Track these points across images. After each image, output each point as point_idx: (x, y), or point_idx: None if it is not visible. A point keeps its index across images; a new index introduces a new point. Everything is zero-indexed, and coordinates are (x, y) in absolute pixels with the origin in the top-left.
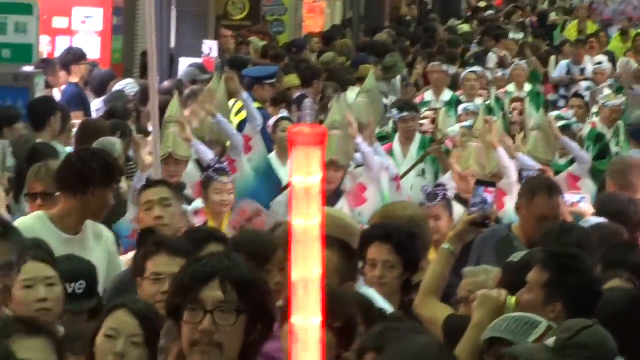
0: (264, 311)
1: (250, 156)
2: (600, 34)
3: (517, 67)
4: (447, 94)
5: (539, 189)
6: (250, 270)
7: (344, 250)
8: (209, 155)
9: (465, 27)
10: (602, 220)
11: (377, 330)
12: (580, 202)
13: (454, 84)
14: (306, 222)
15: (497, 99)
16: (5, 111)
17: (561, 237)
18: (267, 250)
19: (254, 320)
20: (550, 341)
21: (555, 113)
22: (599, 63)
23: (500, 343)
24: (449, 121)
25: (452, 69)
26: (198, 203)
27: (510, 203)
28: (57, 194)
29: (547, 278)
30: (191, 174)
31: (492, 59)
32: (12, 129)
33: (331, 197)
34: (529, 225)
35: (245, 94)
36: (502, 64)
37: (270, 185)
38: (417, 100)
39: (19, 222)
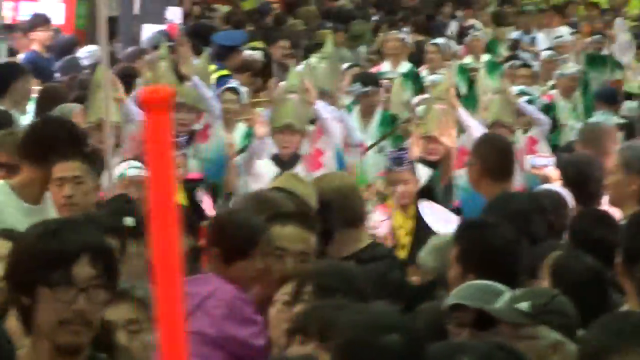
0: (115, 284)
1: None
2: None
3: (473, 39)
4: (404, 66)
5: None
6: (108, 242)
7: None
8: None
9: None
10: (553, 186)
11: (303, 312)
12: (546, 165)
13: (419, 55)
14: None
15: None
16: None
17: (508, 205)
18: (252, 233)
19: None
20: (524, 305)
21: (518, 88)
22: (560, 36)
23: (462, 309)
24: (404, 94)
25: (411, 38)
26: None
27: None
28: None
29: (457, 252)
30: None
31: (452, 27)
32: None
33: (288, 160)
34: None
35: (195, 79)
36: (462, 33)
37: (218, 168)
38: (373, 70)
39: None
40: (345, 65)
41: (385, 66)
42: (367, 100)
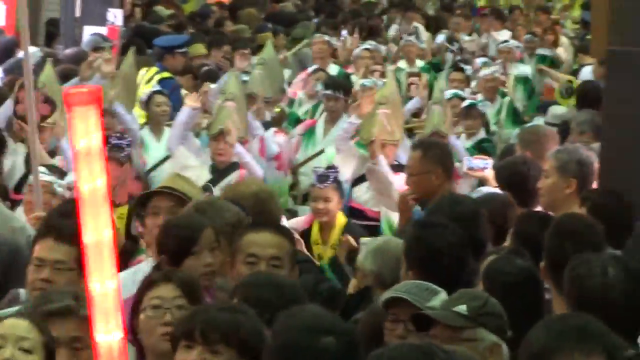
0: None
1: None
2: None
3: (407, 43)
4: (333, 68)
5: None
6: None
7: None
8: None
9: None
10: (491, 189)
11: (186, 316)
12: (485, 168)
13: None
14: (92, 184)
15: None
16: None
17: (452, 208)
18: (192, 230)
19: None
20: (461, 308)
21: (452, 92)
22: (505, 41)
23: (399, 306)
24: None
25: (349, 40)
26: (70, 177)
27: None
28: None
29: (404, 248)
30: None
31: (392, 30)
32: None
33: (224, 169)
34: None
35: (119, 107)
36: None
37: None
38: (300, 76)
39: None
40: (311, 69)
41: (311, 70)
42: (327, 104)
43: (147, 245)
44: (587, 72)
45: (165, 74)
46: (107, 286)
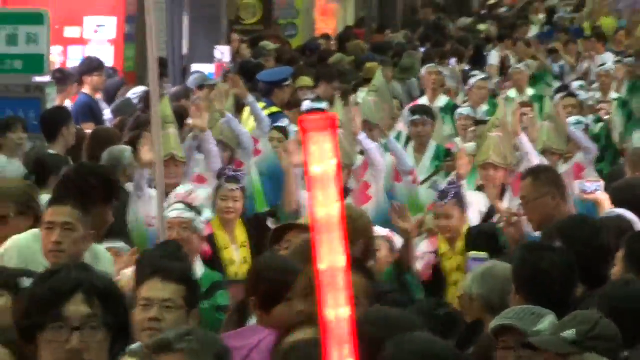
0: (125, 325)
1: (258, 159)
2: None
3: (515, 71)
4: (442, 99)
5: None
6: (110, 280)
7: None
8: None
9: (482, 26)
10: (624, 211)
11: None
12: (596, 190)
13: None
14: (327, 209)
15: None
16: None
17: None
18: (285, 275)
19: (117, 336)
20: (570, 333)
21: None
22: (603, 64)
23: (508, 333)
24: (445, 128)
25: (458, 69)
26: (208, 214)
27: None
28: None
29: (512, 271)
30: None
31: (493, 57)
32: (5, 138)
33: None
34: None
35: (250, 98)
36: (503, 64)
37: (277, 187)
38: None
39: (14, 240)
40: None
41: (422, 100)
42: (415, 130)
43: None
44: None
45: (274, 109)
46: (341, 313)
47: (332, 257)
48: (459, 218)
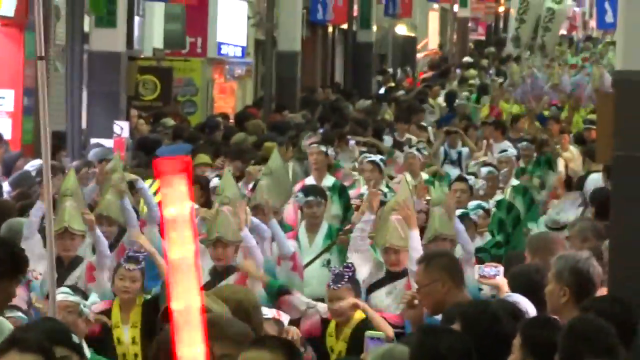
0: None
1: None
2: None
3: (409, 155)
4: (329, 179)
5: None
6: None
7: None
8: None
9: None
10: (519, 296)
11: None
12: (496, 275)
13: None
14: (182, 251)
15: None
16: None
17: (465, 317)
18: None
19: None
20: None
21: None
22: (504, 150)
23: None
24: (332, 207)
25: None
26: (94, 297)
27: None
28: None
29: (409, 354)
30: None
31: (387, 142)
32: None
33: (221, 273)
34: None
35: (140, 183)
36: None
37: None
38: (297, 187)
39: None
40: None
41: (309, 180)
42: (310, 211)
43: None
44: (593, 179)
45: None
46: (197, 351)
47: (187, 297)
48: (351, 303)
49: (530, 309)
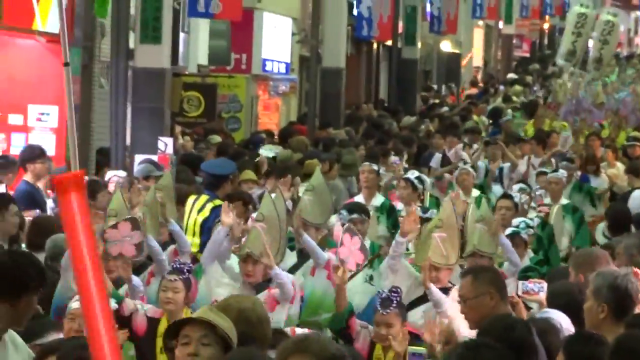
0: None
1: None
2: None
3: (462, 172)
4: (378, 199)
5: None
6: None
7: None
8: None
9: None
10: (558, 312)
11: None
12: (540, 291)
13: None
14: None
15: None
16: None
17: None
18: None
19: None
20: None
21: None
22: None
23: None
24: (378, 228)
25: (401, 167)
26: (111, 303)
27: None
28: None
29: None
30: None
31: (436, 159)
32: None
33: (253, 289)
34: None
35: (172, 225)
36: (447, 163)
37: None
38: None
39: None
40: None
41: (358, 198)
42: (357, 228)
43: None
44: (638, 196)
45: (218, 202)
46: None
47: None
48: (400, 326)
49: (564, 322)
